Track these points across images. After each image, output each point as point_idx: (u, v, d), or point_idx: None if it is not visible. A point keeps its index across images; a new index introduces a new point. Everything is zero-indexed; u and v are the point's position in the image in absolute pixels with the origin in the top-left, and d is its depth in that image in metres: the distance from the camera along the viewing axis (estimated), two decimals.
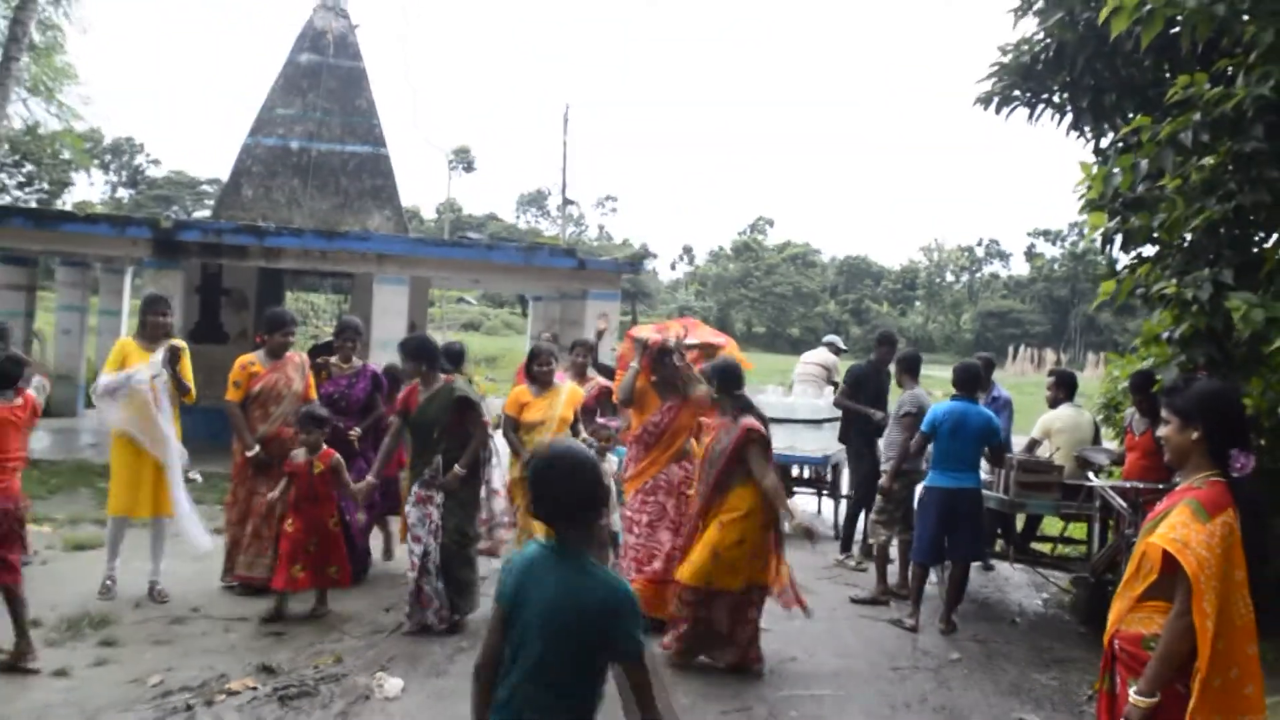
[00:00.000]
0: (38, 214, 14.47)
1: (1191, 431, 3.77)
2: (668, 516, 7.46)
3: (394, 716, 5.75)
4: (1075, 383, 9.78)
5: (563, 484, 3.19)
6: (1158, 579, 3.67)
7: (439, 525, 7.35)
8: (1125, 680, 3.76)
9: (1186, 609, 3.52)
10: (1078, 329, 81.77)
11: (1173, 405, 3.89)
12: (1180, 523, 3.60)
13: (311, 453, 7.49)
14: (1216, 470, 3.74)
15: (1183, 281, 5.67)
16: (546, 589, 3.11)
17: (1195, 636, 3.52)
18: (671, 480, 7.55)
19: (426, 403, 7.46)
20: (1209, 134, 5.51)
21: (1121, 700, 3.74)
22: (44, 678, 5.96)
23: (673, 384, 7.62)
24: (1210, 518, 3.57)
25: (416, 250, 14.17)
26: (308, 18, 16.33)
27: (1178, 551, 3.54)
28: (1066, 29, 6.93)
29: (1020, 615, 8.93)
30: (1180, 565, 3.53)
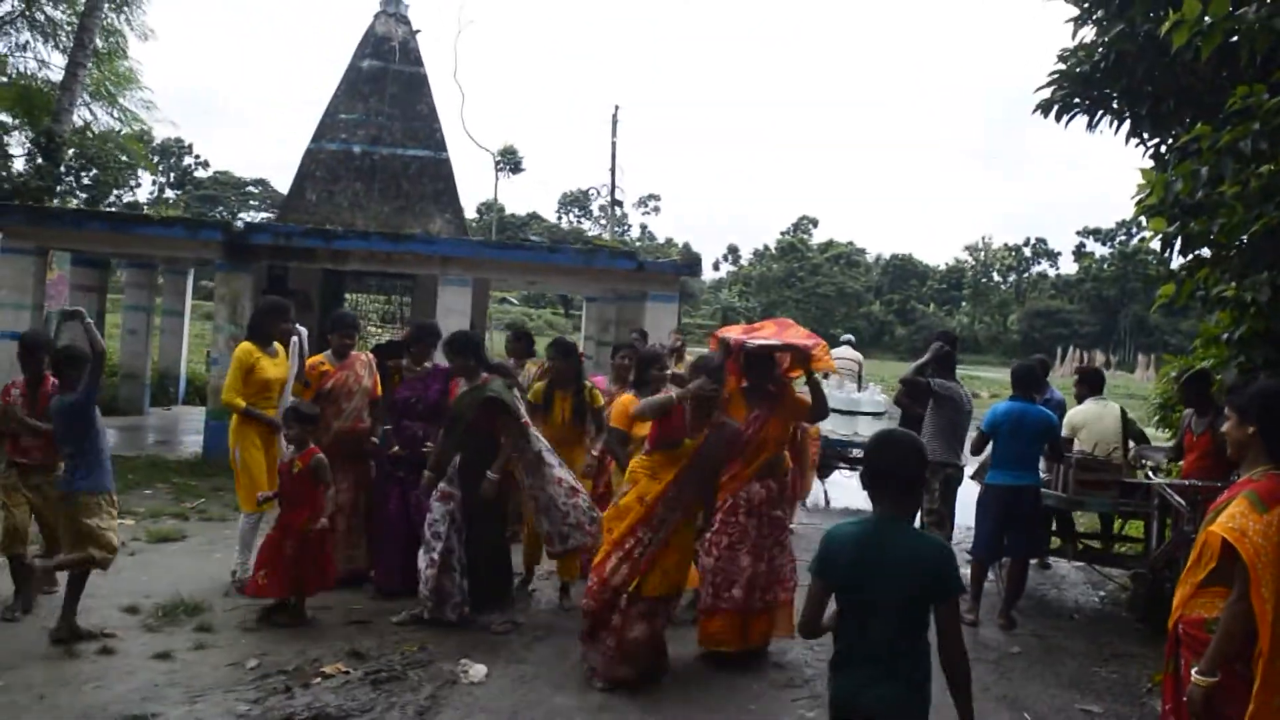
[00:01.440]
0: (115, 218, 14.88)
1: (1248, 427, 4.06)
2: (750, 539, 6.83)
3: (479, 700, 6.01)
4: (1100, 378, 9.93)
5: (900, 463, 3.75)
6: (1217, 566, 3.93)
7: (462, 524, 7.37)
8: (1189, 662, 4.00)
9: (1244, 594, 3.76)
10: (1127, 330, 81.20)
11: (1233, 403, 4.22)
12: (1239, 513, 3.85)
13: (297, 450, 7.32)
14: (1273, 464, 3.99)
15: (1242, 285, 5.88)
16: (895, 553, 3.62)
17: (1253, 621, 3.75)
18: (752, 499, 6.90)
19: (459, 398, 7.45)
20: (1267, 143, 5.70)
21: (1186, 681, 3.98)
22: (148, 660, 6.29)
23: (764, 391, 7.03)
24: (1268, 509, 3.83)
25: (480, 253, 14.48)
26: (369, 23, 16.69)
27: (1236, 540, 3.78)
28: (1126, 40, 7.13)
29: (1078, 611, 9.11)
30: (1238, 553, 3.77)
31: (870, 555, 3.63)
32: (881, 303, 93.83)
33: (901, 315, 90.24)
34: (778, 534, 6.97)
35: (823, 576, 3.74)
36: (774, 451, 7.02)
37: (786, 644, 7.27)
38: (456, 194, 16.46)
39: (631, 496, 6.45)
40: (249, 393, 7.94)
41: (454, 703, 5.98)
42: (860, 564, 3.63)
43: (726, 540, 6.83)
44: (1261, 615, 3.73)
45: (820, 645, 7.44)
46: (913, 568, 3.59)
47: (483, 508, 7.37)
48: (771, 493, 6.96)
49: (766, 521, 6.90)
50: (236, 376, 7.91)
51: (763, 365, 7.04)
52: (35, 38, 23.42)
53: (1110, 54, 7.36)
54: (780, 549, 6.97)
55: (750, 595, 6.77)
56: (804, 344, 7.01)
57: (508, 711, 5.88)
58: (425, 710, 5.82)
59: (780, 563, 6.94)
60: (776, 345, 7.04)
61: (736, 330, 7.46)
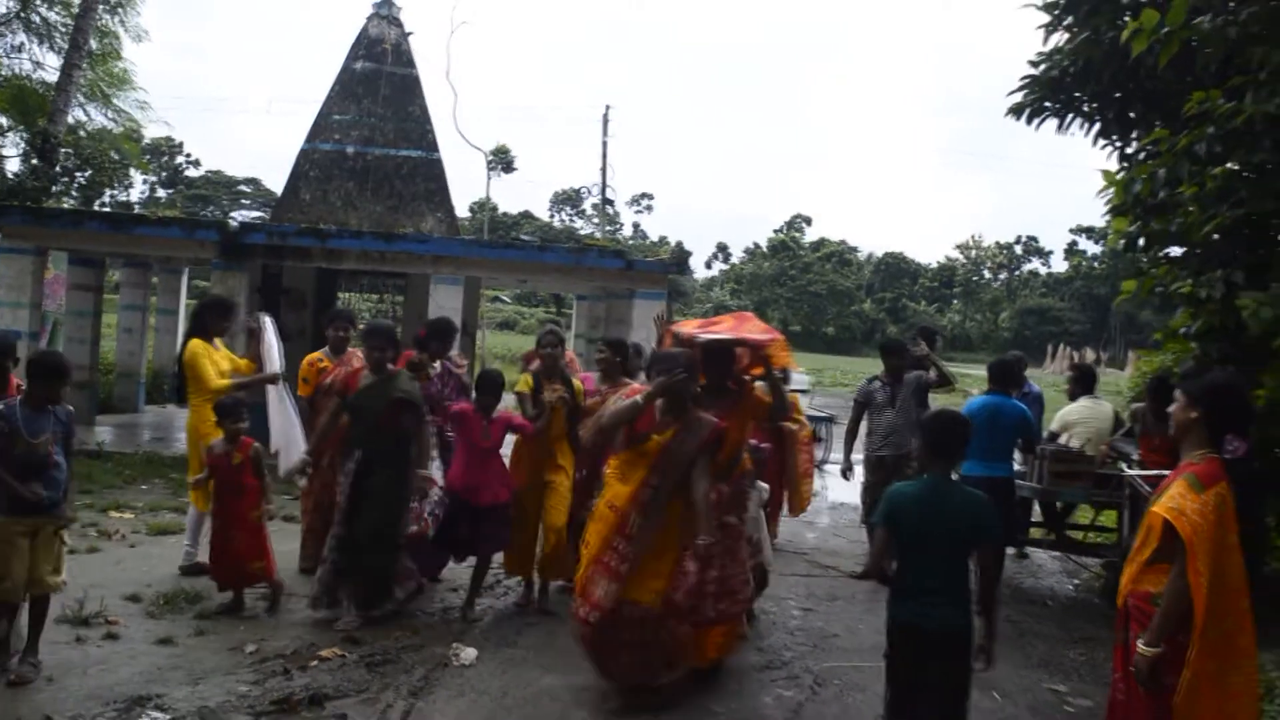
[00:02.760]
0: (113, 218, 15.07)
1: (1193, 411, 4.33)
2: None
3: (470, 681, 6.26)
4: (1093, 376, 10.18)
5: (953, 436, 4.76)
6: (1160, 544, 4.21)
7: (344, 518, 7.21)
8: (1136, 634, 4.29)
9: (1183, 571, 4.04)
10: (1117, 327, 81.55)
11: (1184, 388, 4.49)
12: (1179, 494, 4.14)
13: (230, 443, 7.30)
14: (1212, 449, 4.28)
15: (1198, 281, 6.16)
16: (950, 506, 4.59)
17: (1191, 594, 4.02)
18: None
19: (364, 392, 7.33)
20: (1222, 146, 5.98)
21: (1134, 651, 4.27)
22: (152, 646, 6.53)
23: (722, 389, 6.53)
24: (1205, 489, 4.11)
25: (472, 252, 14.72)
26: (362, 26, 16.90)
27: (1174, 519, 4.07)
28: (1093, 46, 7.40)
29: (1052, 598, 9.40)
30: (1178, 531, 4.04)
31: (930, 509, 4.57)
32: (873, 301, 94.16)
33: (893, 313, 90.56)
34: (729, 541, 6.27)
35: (890, 527, 4.64)
36: (729, 454, 6.38)
37: (766, 629, 7.54)
38: (448, 194, 16.70)
39: (602, 504, 6.22)
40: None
41: (446, 684, 6.23)
42: (923, 516, 4.57)
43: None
44: (1197, 589, 4.00)
45: (800, 630, 7.75)
46: (964, 517, 4.57)
47: (375, 501, 7.19)
48: (723, 497, 6.32)
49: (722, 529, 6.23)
50: (208, 369, 8.15)
51: (720, 362, 6.57)
52: (30, 39, 23.55)
53: (1078, 60, 7.64)
54: (731, 559, 6.28)
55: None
56: (760, 339, 6.58)
57: (497, 692, 6.13)
58: (419, 691, 6.06)
59: (731, 573, 6.27)
60: (732, 340, 6.59)
61: (692, 325, 6.97)
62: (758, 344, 6.56)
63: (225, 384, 8.13)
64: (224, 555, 7.29)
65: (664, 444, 6.03)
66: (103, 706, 5.57)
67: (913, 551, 4.63)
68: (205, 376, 8.15)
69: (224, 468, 7.27)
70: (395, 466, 7.27)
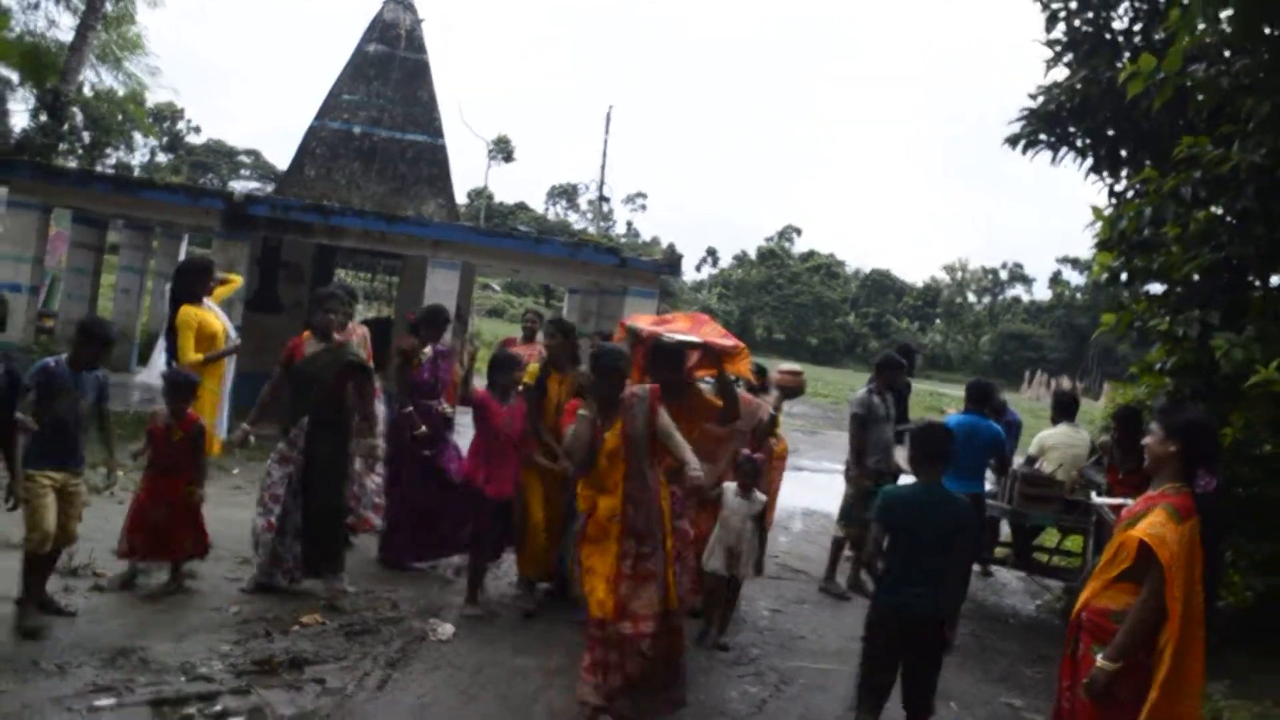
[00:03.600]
0: (119, 180, 15.22)
1: (1170, 445, 4.55)
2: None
3: (446, 656, 6.46)
4: (1072, 403, 10.39)
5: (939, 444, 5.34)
6: (1131, 566, 4.43)
7: (298, 488, 7.19)
8: (1089, 645, 4.53)
9: (1158, 593, 4.27)
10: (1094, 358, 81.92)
11: (1161, 421, 4.69)
12: (1159, 522, 4.35)
13: (174, 418, 7.04)
14: (1184, 483, 4.52)
15: (1175, 319, 6.39)
16: (939, 509, 5.23)
17: (1160, 616, 4.27)
18: None
19: (311, 359, 7.31)
20: (1206, 191, 6.22)
21: (1084, 662, 4.53)
22: (138, 601, 6.74)
23: (674, 391, 6.24)
24: (1183, 521, 4.36)
25: (471, 239, 14.87)
26: (378, 9, 17.04)
27: (1157, 545, 4.28)
28: (1091, 84, 7.64)
29: (1014, 616, 9.64)
30: (1154, 556, 4.28)
31: (922, 510, 5.21)
32: (857, 315, 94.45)
33: (876, 329, 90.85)
34: (680, 548, 6.26)
35: (885, 523, 5.27)
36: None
37: (735, 627, 7.73)
38: (450, 180, 16.85)
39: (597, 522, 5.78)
40: (203, 348, 8.40)
41: (422, 656, 6.43)
42: (915, 516, 5.21)
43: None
44: (1173, 612, 4.25)
45: (768, 630, 7.96)
46: (950, 519, 5.23)
47: (323, 470, 7.25)
48: (675, 501, 6.23)
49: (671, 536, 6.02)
50: (188, 339, 8.32)
51: (671, 361, 6.48)
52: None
53: (1075, 96, 7.87)
54: (682, 565, 6.30)
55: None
56: (722, 344, 6.49)
57: (471, 668, 6.33)
58: (396, 661, 6.26)
59: (678, 580, 6.04)
60: (693, 342, 6.49)
61: (646, 321, 6.90)
62: (719, 349, 6.51)
63: (196, 358, 8.26)
64: (143, 527, 6.94)
65: (620, 435, 5.73)
66: (88, 656, 5.75)
67: (903, 546, 5.24)
68: (181, 347, 8.34)
69: (161, 441, 7.02)
70: (342, 434, 7.40)
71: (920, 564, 5.21)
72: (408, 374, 8.26)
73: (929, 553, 5.21)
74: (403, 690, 5.89)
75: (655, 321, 6.84)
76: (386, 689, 5.85)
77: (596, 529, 5.78)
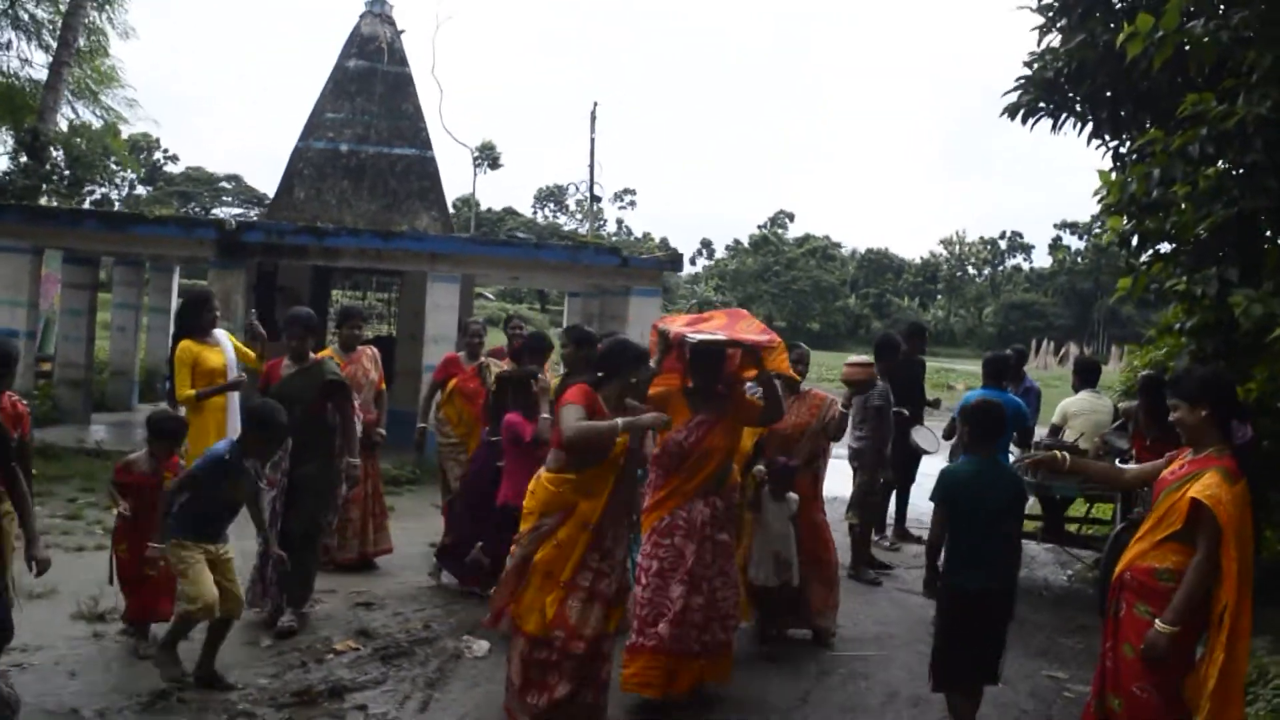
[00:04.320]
0: (109, 216, 15.22)
1: (1200, 410, 4.54)
2: (685, 565, 5.79)
3: (483, 673, 6.40)
4: (1094, 370, 10.34)
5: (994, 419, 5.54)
6: (1181, 528, 4.43)
7: (280, 513, 7.00)
8: (1131, 604, 4.56)
9: (1212, 554, 4.30)
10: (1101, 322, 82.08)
11: (1179, 392, 4.69)
12: (1215, 484, 4.36)
13: (156, 461, 6.46)
14: (1225, 442, 4.53)
15: (1192, 279, 6.35)
16: (996, 484, 5.38)
17: (1215, 576, 4.31)
18: (694, 519, 5.86)
19: (291, 379, 7.18)
20: (1214, 147, 6.18)
21: (1125, 622, 4.57)
22: None
23: (712, 392, 6.03)
24: (1236, 482, 4.39)
25: (469, 249, 14.84)
26: (355, 24, 16.98)
27: (1214, 505, 4.29)
28: (1087, 49, 7.59)
29: (1047, 589, 9.60)
30: (1212, 517, 4.29)
31: (981, 485, 5.32)
32: (857, 296, 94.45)
33: (877, 309, 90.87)
34: (722, 562, 5.96)
35: (949, 503, 5.32)
36: (719, 463, 5.98)
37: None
38: (442, 191, 16.82)
39: (571, 527, 5.35)
40: (201, 384, 8.13)
41: (460, 675, 6.38)
42: (976, 491, 5.30)
43: (658, 565, 5.82)
44: (1228, 572, 4.28)
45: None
46: (1006, 493, 5.41)
47: (305, 492, 7.07)
48: (716, 512, 5.93)
49: (709, 547, 5.87)
50: (184, 375, 8.09)
51: (711, 363, 6.06)
52: (19, 36, 23.55)
53: (1072, 61, 7.81)
54: (725, 580, 5.97)
55: (680, 633, 5.72)
56: (756, 340, 5.99)
57: None
58: (434, 682, 6.21)
59: (723, 596, 5.95)
60: (724, 340, 5.99)
61: (680, 321, 6.29)
62: (754, 345, 5.97)
63: (189, 394, 8.05)
64: (143, 587, 6.40)
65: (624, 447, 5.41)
66: (127, 700, 5.69)
67: (964, 524, 5.32)
68: (176, 384, 8.16)
69: (149, 488, 6.35)
70: (325, 455, 7.23)
71: (985, 539, 5.32)
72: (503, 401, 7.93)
73: (992, 527, 5.34)
74: (445, 710, 5.85)
75: (690, 321, 6.27)
76: (430, 710, 5.81)
77: (568, 535, 5.33)
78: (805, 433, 7.40)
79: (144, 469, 6.45)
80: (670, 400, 5.92)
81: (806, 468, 7.42)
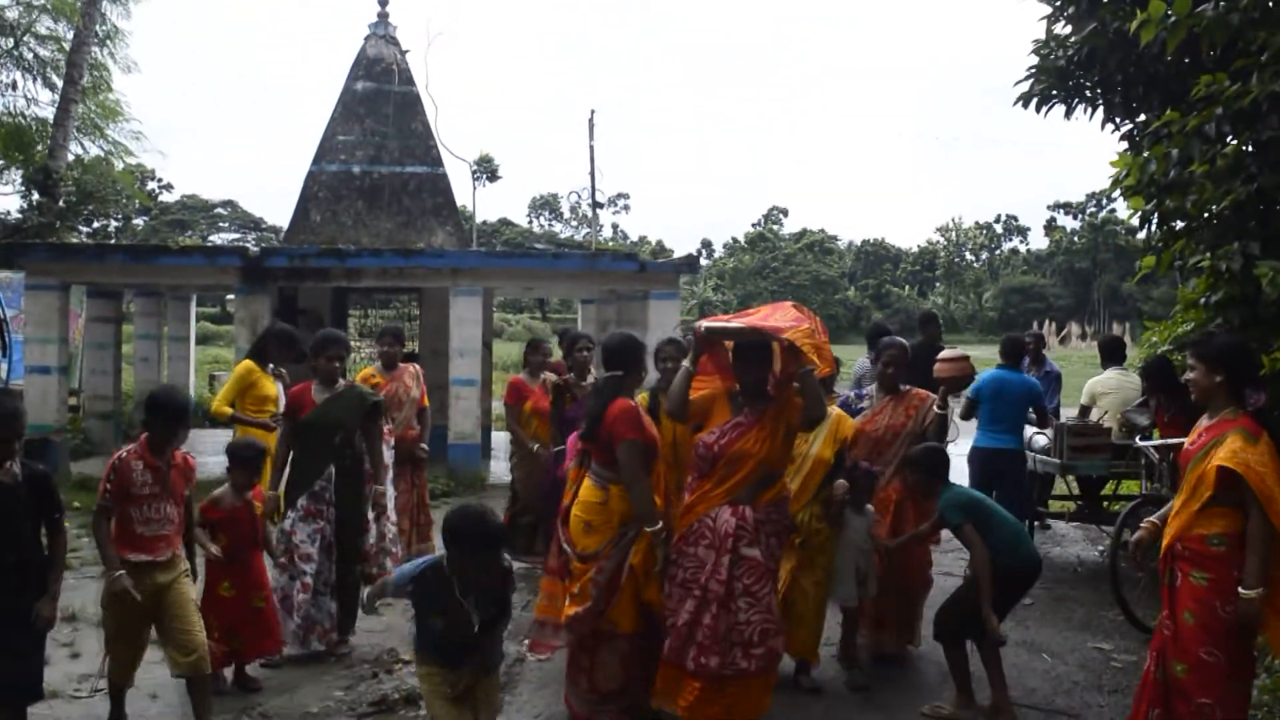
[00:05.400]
0: (134, 250, 15.37)
1: (1216, 375, 4.73)
2: (701, 580, 5.26)
3: (550, 673, 6.57)
4: (1119, 347, 10.51)
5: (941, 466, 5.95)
6: (1214, 494, 4.58)
7: (332, 542, 6.92)
8: (1187, 572, 4.69)
9: (1262, 514, 4.43)
10: (1101, 300, 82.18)
11: (1199, 354, 4.88)
12: (1238, 448, 4.51)
13: (240, 494, 6.38)
14: (1238, 405, 4.71)
15: (1215, 254, 6.53)
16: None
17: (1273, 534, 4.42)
18: (718, 529, 5.29)
19: (328, 404, 6.95)
20: (1230, 125, 6.36)
21: (1181, 591, 4.69)
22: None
23: (759, 394, 5.49)
24: (1257, 440, 4.54)
25: (489, 263, 15.08)
26: (360, 46, 17.22)
27: (1244, 470, 4.44)
28: (1098, 36, 7.79)
29: (1080, 565, 9.78)
30: (1242, 482, 4.44)
31: None
32: (856, 288, 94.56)
33: (877, 300, 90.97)
34: (750, 581, 5.27)
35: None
36: (753, 470, 5.35)
37: None
38: (455, 206, 17.07)
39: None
40: (251, 408, 8.31)
41: (527, 677, 6.61)
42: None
43: (681, 575, 5.35)
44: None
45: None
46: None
47: (352, 522, 6.97)
48: (745, 523, 5.29)
49: (730, 561, 5.24)
50: (231, 390, 8.31)
51: (753, 361, 5.49)
52: (25, 77, 23.79)
53: (1083, 48, 8.01)
54: (751, 602, 5.26)
55: (684, 648, 5.24)
56: (770, 326, 5.37)
57: None
58: (504, 685, 6.37)
59: (748, 620, 5.24)
60: (734, 329, 5.50)
61: (722, 319, 5.84)
62: (774, 330, 5.33)
63: (225, 410, 8.25)
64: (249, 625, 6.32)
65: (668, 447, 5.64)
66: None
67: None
68: (220, 394, 8.43)
69: (242, 521, 6.33)
70: (362, 481, 7.06)
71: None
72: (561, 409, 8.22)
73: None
74: (519, 711, 6.06)
75: (734, 318, 5.77)
76: (505, 713, 5.97)
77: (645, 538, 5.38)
78: (900, 436, 6.87)
79: (231, 502, 6.33)
80: (714, 404, 5.53)
81: (895, 474, 6.82)
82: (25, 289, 14.14)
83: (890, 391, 7.00)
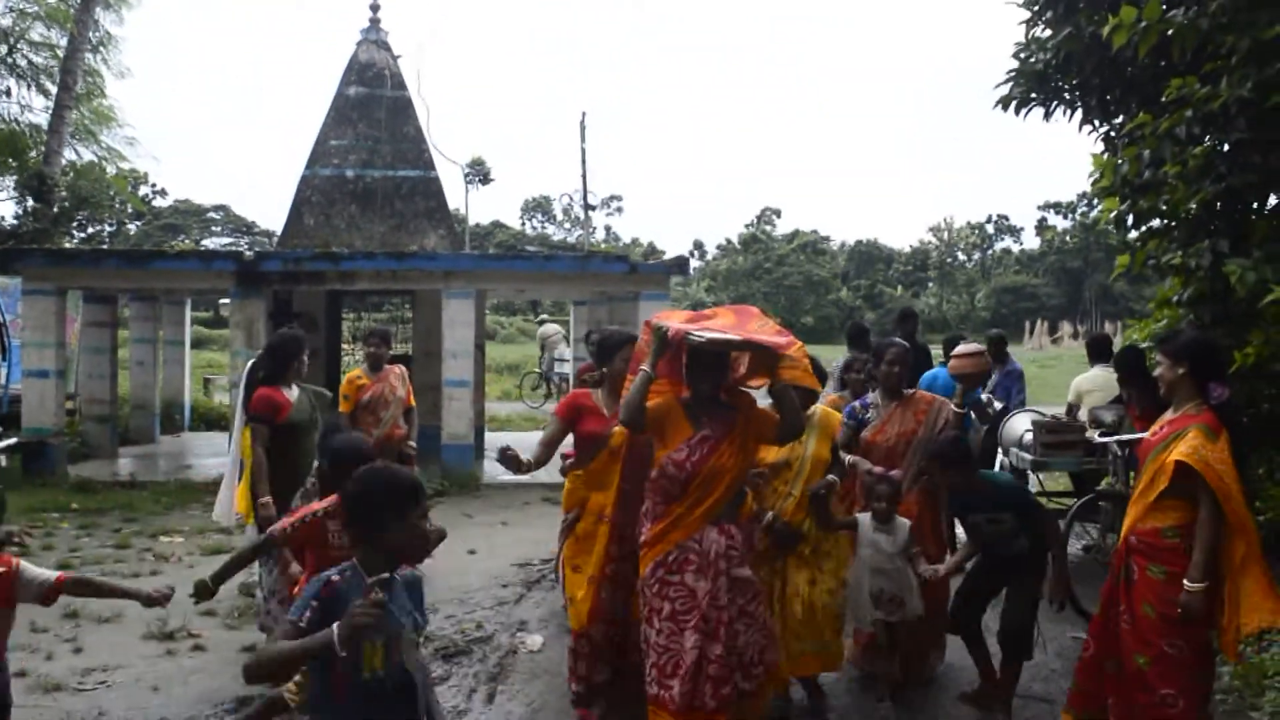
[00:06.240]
0: (129, 255, 15.59)
1: (1179, 368, 4.86)
2: (697, 609, 4.84)
3: (542, 665, 6.78)
4: (1107, 344, 10.61)
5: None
6: (1169, 486, 4.70)
7: None
8: (1143, 566, 4.81)
9: (1214, 512, 4.54)
10: (1092, 299, 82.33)
11: (1165, 349, 5.01)
12: (1198, 444, 4.62)
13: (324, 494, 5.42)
14: (1202, 399, 4.83)
15: (1186, 252, 6.75)
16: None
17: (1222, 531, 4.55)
18: (706, 551, 4.91)
19: (304, 402, 7.10)
20: (1200, 127, 6.59)
21: (1139, 584, 4.80)
22: (239, 653, 6.95)
23: (713, 403, 5.06)
24: (1217, 437, 4.65)
25: (482, 265, 15.24)
26: (352, 52, 17.35)
27: (1202, 468, 4.55)
28: (1074, 40, 7.99)
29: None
30: (1198, 477, 4.55)
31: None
32: (849, 289, 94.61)
33: (870, 300, 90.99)
34: (744, 602, 4.98)
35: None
36: (729, 487, 5.02)
37: None
38: (448, 210, 17.20)
39: (589, 521, 5.67)
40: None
41: (519, 669, 6.76)
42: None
43: (669, 608, 4.89)
44: (1240, 523, 4.55)
45: None
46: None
47: None
48: (734, 541, 5.01)
49: (725, 584, 4.91)
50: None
51: (711, 368, 5.05)
52: (19, 83, 23.91)
53: (1060, 52, 8.22)
54: (748, 623, 4.98)
55: (692, 689, 4.76)
56: (774, 342, 4.96)
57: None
58: (496, 676, 6.57)
59: (746, 642, 4.96)
60: (734, 341, 4.95)
61: (679, 318, 5.22)
62: (773, 347, 4.95)
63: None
64: None
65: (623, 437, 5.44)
66: (213, 708, 6.05)
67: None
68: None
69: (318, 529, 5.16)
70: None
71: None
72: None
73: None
74: (512, 700, 6.22)
75: (690, 318, 5.23)
76: (497, 701, 6.16)
77: (587, 528, 5.68)
78: (912, 443, 6.46)
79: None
80: (668, 414, 5.03)
81: (914, 484, 6.47)
82: (22, 294, 14.29)
83: (894, 396, 6.62)
